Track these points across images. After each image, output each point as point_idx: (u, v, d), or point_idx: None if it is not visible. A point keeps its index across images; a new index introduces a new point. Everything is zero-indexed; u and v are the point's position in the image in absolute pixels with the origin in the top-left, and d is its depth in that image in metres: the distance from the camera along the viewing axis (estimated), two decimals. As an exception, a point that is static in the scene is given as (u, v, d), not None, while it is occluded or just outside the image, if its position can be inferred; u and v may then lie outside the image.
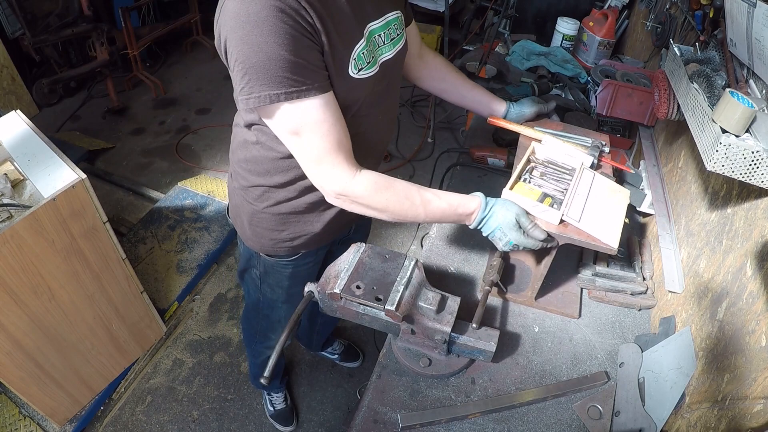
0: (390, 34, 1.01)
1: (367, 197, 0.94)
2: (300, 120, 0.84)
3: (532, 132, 1.35)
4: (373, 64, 0.95)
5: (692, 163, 1.29)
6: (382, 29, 0.98)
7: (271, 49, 0.76)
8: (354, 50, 0.88)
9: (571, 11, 2.46)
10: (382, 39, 0.99)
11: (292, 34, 0.76)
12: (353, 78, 0.90)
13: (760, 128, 0.85)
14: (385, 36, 0.99)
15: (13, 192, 1.55)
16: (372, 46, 0.95)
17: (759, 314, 0.85)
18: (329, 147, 0.87)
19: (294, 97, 0.80)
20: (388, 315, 0.99)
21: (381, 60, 0.99)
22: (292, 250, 1.28)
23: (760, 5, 0.85)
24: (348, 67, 0.88)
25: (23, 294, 1.57)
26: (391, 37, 1.01)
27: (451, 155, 1.81)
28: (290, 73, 0.79)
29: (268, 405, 2.06)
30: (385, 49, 0.99)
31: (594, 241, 1.05)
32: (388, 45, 1.00)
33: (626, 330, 1.25)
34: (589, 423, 1.05)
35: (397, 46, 1.04)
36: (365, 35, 0.91)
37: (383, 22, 0.97)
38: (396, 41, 1.03)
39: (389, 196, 0.95)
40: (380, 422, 1.04)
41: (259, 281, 1.43)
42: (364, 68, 0.91)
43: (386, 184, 0.95)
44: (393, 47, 1.02)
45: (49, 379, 1.81)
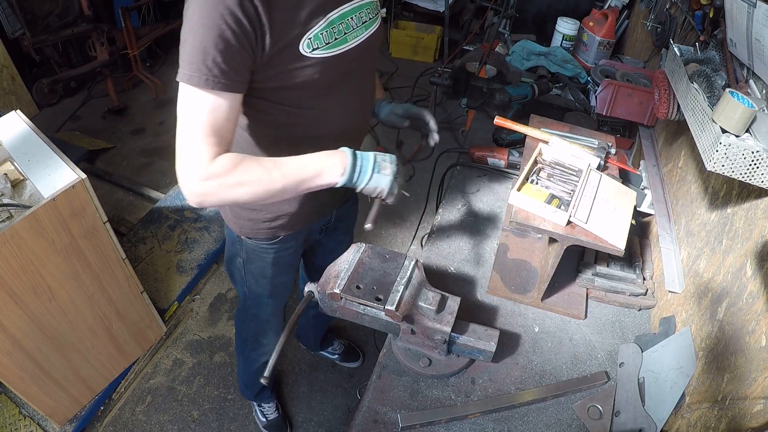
0: (362, 17, 1.05)
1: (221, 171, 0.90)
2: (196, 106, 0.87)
3: (539, 133, 1.35)
4: (339, 43, 1.00)
5: (692, 163, 1.29)
6: (353, 12, 1.02)
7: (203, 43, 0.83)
8: (310, 31, 0.94)
9: (571, 11, 2.46)
10: (354, 22, 1.03)
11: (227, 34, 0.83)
12: (306, 56, 0.95)
13: (760, 128, 0.85)
14: (357, 19, 1.04)
15: (13, 192, 1.55)
16: (342, 27, 1.00)
17: (759, 314, 0.85)
18: (204, 134, 0.88)
19: (205, 85, 0.85)
20: (388, 315, 0.99)
21: (354, 42, 1.04)
22: (271, 232, 1.29)
23: (760, 5, 0.85)
24: (299, 45, 0.93)
25: (23, 294, 1.56)
26: (363, 20, 1.05)
27: (451, 155, 1.81)
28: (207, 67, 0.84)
29: (260, 416, 2.04)
30: (358, 32, 1.04)
31: (601, 242, 1.05)
32: (360, 28, 1.05)
33: (626, 330, 1.25)
34: (589, 423, 1.05)
35: (370, 29, 1.08)
36: (329, 18, 0.97)
37: (354, 5, 1.02)
38: (369, 24, 1.08)
39: (242, 170, 0.92)
40: (380, 422, 1.04)
41: (244, 270, 1.44)
42: (321, 47, 0.97)
43: (238, 159, 0.92)
44: (366, 30, 1.06)
45: (49, 379, 1.81)
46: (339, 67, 1.03)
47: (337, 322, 2.38)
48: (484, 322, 1.12)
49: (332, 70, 1.02)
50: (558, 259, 1.13)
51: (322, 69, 0.99)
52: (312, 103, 1.06)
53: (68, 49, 3.81)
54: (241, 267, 1.43)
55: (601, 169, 1.27)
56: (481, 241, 1.44)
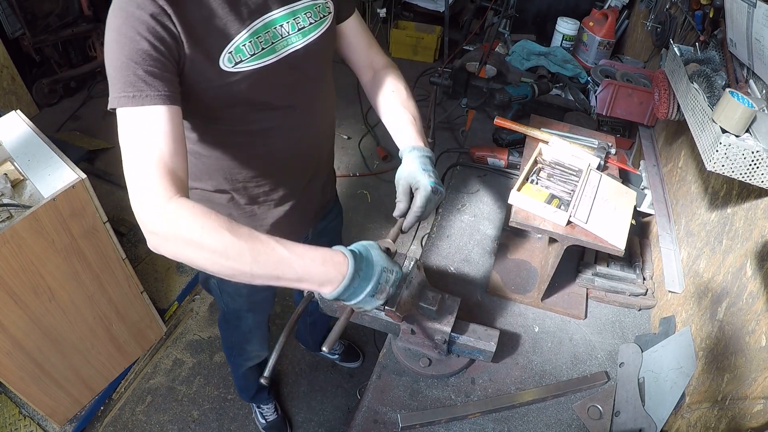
0: (299, 23, 0.97)
1: (180, 222, 0.74)
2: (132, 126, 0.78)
3: (539, 133, 1.35)
4: (265, 54, 0.92)
5: (692, 163, 1.29)
6: (284, 19, 0.94)
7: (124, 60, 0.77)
8: (231, 44, 0.87)
9: (571, 11, 2.46)
10: (284, 30, 0.95)
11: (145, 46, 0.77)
12: (227, 71, 0.88)
13: (760, 128, 0.85)
14: (291, 26, 0.96)
15: (13, 192, 1.55)
16: (268, 36, 0.92)
17: (759, 314, 0.85)
18: (149, 160, 0.76)
19: (135, 103, 0.77)
20: (388, 315, 0.99)
21: (286, 51, 0.95)
22: None
23: (760, 5, 0.85)
24: (219, 60, 0.86)
25: (23, 294, 1.56)
26: (299, 27, 0.97)
27: (451, 155, 1.81)
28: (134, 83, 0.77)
29: (259, 417, 2.04)
30: (291, 40, 0.96)
31: (601, 242, 1.05)
32: (296, 35, 0.96)
33: (626, 330, 1.25)
34: (589, 423, 1.05)
35: (310, 36, 0.99)
36: (252, 28, 0.89)
37: (288, 11, 0.95)
38: (308, 30, 0.98)
39: (206, 222, 0.73)
40: (380, 422, 1.04)
41: (219, 289, 1.42)
42: (246, 60, 0.89)
43: (206, 211, 0.75)
44: (303, 37, 0.98)
45: (49, 379, 1.81)
46: (271, 80, 0.95)
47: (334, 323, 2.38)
48: (484, 322, 1.12)
49: (263, 84, 0.95)
50: (558, 259, 1.13)
51: (249, 84, 0.92)
52: (252, 122, 1.00)
53: (68, 49, 3.80)
54: (216, 286, 1.42)
55: (601, 169, 1.27)
56: (481, 241, 1.44)
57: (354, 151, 3.49)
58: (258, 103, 0.97)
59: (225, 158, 1.05)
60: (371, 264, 0.81)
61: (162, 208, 0.75)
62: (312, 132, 1.13)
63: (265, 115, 1.01)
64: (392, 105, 1.11)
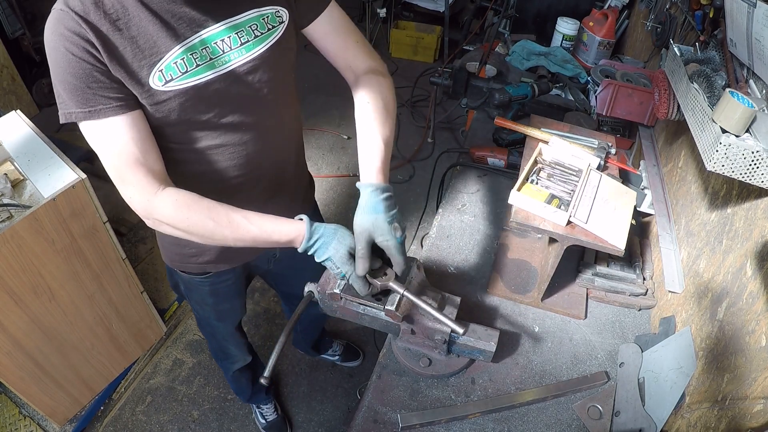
0: (241, 37, 0.91)
1: (168, 216, 0.88)
2: (98, 138, 0.85)
3: (539, 133, 1.35)
4: (203, 70, 0.89)
5: (692, 163, 1.29)
6: (225, 33, 0.90)
7: (64, 76, 0.81)
8: (161, 62, 0.85)
9: (571, 11, 2.46)
10: (227, 44, 0.90)
11: (78, 64, 0.80)
12: (158, 90, 0.86)
13: (760, 128, 0.85)
14: (233, 40, 0.91)
15: (13, 192, 1.55)
16: (206, 52, 0.88)
17: (759, 314, 0.85)
18: (126, 164, 0.85)
19: (89, 117, 0.83)
20: (388, 315, 0.99)
21: (226, 67, 0.91)
22: (200, 267, 1.23)
23: (760, 5, 0.85)
24: (149, 79, 0.85)
25: (23, 294, 1.57)
26: (242, 41, 0.91)
27: (451, 155, 1.82)
28: (82, 96, 0.82)
29: (259, 417, 2.04)
30: (233, 55, 0.91)
31: (601, 242, 1.05)
32: (237, 50, 0.91)
33: (626, 330, 1.25)
34: (589, 423, 1.05)
35: (255, 50, 0.93)
36: (186, 44, 0.86)
37: (227, 25, 0.89)
38: (252, 45, 0.93)
39: (191, 215, 0.88)
40: (380, 422, 1.04)
41: (186, 296, 1.41)
42: (177, 78, 0.86)
43: (189, 202, 0.88)
44: (246, 52, 0.92)
45: (49, 379, 1.81)
46: (209, 98, 0.92)
47: (334, 326, 2.38)
48: (484, 322, 1.12)
49: (199, 103, 0.91)
50: (558, 259, 1.13)
51: (183, 102, 0.89)
52: (195, 140, 0.97)
53: (68, 49, 3.80)
54: (184, 295, 1.42)
55: (601, 169, 1.27)
56: (481, 241, 1.44)
57: (354, 151, 3.47)
58: (196, 121, 0.94)
59: (178, 172, 1.01)
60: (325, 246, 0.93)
61: (149, 203, 0.87)
62: (267, 149, 1.07)
63: (208, 134, 0.97)
64: (362, 122, 1.01)
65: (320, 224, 0.93)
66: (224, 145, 1.00)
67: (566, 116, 1.79)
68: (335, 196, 3.13)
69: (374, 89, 1.04)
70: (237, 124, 0.99)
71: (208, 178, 1.05)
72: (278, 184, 1.17)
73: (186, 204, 0.88)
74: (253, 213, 0.92)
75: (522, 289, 1.30)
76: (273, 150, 1.10)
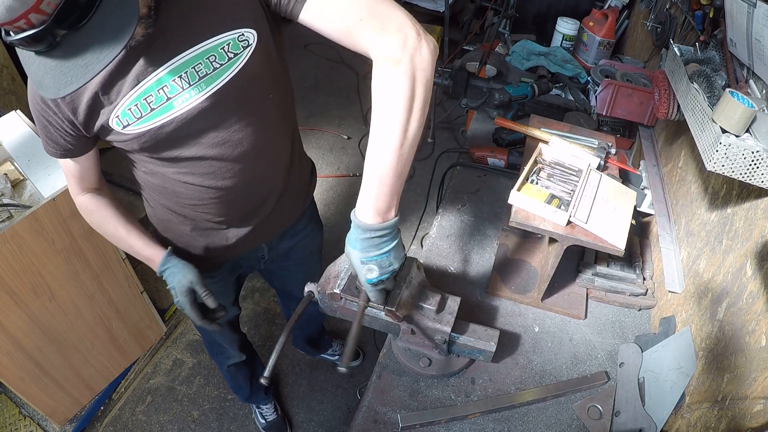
0: (199, 71, 0.86)
1: (83, 213, 1.14)
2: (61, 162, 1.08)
3: (539, 133, 1.35)
4: (160, 113, 0.89)
5: (692, 163, 1.29)
6: (181, 69, 0.86)
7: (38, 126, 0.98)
8: (116, 108, 0.89)
9: (571, 11, 2.46)
10: (181, 83, 0.87)
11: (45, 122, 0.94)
12: (119, 131, 0.92)
13: (760, 128, 0.85)
14: (190, 76, 0.86)
15: (13, 192, 1.55)
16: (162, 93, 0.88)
17: (759, 314, 0.85)
18: (68, 175, 1.11)
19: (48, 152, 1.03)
20: (388, 315, 0.99)
21: (185, 106, 0.89)
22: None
23: (760, 5, 0.85)
24: (109, 122, 0.91)
25: (23, 294, 1.57)
26: (200, 75, 0.87)
27: (451, 155, 1.81)
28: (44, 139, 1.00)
29: (259, 417, 2.04)
30: (179, 100, 0.88)
31: (601, 242, 1.05)
32: (197, 86, 0.87)
33: (626, 330, 1.25)
34: (589, 423, 1.05)
35: (215, 84, 0.88)
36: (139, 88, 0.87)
37: (182, 61, 0.85)
38: (211, 78, 0.88)
39: (92, 219, 1.14)
40: (380, 422, 1.04)
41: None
42: (133, 123, 0.90)
43: (92, 209, 1.12)
44: (207, 86, 0.88)
45: (49, 379, 1.81)
46: (170, 137, 0.92)
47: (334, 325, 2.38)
48: (484, 322, 1.12)
49: (161, 142, 0.93)
50: (558, 259, 1.13)
51: (143, 143, 0.92)
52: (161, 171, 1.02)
53: (68, 49, 3.80)
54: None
55: (601, 169, 1.27)
56: (481, 241, 1.44)
57: (354, 151, 3.49)
58: (160, 157, 0.98)
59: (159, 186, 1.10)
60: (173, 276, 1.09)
61: (75, 200, 1.14)
62: (242, 173, 1.04)
63: (173, 165, 1.00)
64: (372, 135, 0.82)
65: (173, 258, 1.10)
66: (195, 173, 1.02)
67: (566, 116, 1.79)
68: (335, 196, 3.13)
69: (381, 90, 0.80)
70: (199, 158, 0.98)
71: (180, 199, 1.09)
72: (258, 202, 1.15)
73: (89, 211, 1.13)
74: (135, 230, 1.13)
75: (522, 289, 1.30)
76: (248, 173, 1.05)
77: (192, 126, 0.93)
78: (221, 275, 1.34)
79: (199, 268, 1.25)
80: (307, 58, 4.39)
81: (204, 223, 1.16)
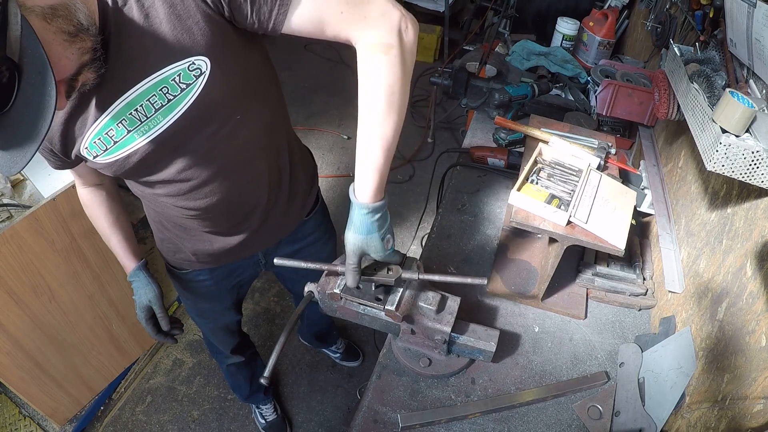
0: (154, 103, 0.85)
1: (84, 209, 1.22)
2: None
3: (539, 133, 1.35)
4: (124, 144, 0.90)
5: (692, 163, 1.29)
6: (138, 101, 0.85)
7: None
8: (83, 141, 0.92)
9: (571, 11, 2.46)
10: (139, 114, 0.86)
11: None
12: (94, 161, 0.95)
13: (760, 128, 0.85)
14: (147, 107, 0.85)
15: (13, 192, 1.55)
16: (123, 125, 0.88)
17: (759, 314, 0.85)
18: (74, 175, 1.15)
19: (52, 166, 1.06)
20: (388, 315, 0.99)
21: (149, 135, 0.89)
22: (177, 261, 1.30)
23: (760, 5, 0.85)
24: (81, 153, 0.94)
25: (23, 294, 1.57)
26: (157, 106, 0.85)
27: (451, 155, 1.81)
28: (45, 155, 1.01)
29: (259, 417, 2.04)
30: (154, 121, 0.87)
31: (601, 242, 1.05)
32: (159, 114, 0.87)
33: (626, 330, 1.25)
34: (589, 423, 1.05)
35: (176, 111, 0.87)
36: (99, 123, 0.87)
37: (137, 93, 0.84)
38: (167, 110, 0.86)
39: (88, 213, 1.22)
40: (380, 422, 1.04)
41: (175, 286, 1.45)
42: (101, 154, 0.92)
43: (88, 203, 1.19)
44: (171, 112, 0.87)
45: (49, 379, 1.81)
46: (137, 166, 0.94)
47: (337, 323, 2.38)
48: (484, 322, 1.12)
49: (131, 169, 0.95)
50: (558, 259, 1.13)
51: (115, 170, 0.95)
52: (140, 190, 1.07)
53: (68, 49, 3.80)
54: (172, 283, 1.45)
55: (601, 169, 1.27)
56: (481, 241, 1.44)
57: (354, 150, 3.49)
58: (137, 180, 1.03)
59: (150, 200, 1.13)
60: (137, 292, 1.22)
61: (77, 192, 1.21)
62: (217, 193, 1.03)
63: (150, 187, 1.03)
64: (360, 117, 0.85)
65: (141, 273, 1.21)
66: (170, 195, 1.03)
67: (566, 116, 1.79)
68: (335, 196, 3.14)
69: (370, 73, 0.81)
70: (176, 179, 0.99)
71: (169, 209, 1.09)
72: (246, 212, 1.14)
73: (86, 205, 1.20)
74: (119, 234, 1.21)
75: (522, 289, 1.30)
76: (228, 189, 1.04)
77: (157, 154, 0.93)
78: (214, 278, 1.34)
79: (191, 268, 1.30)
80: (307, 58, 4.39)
81: (192, 231, 1.18)
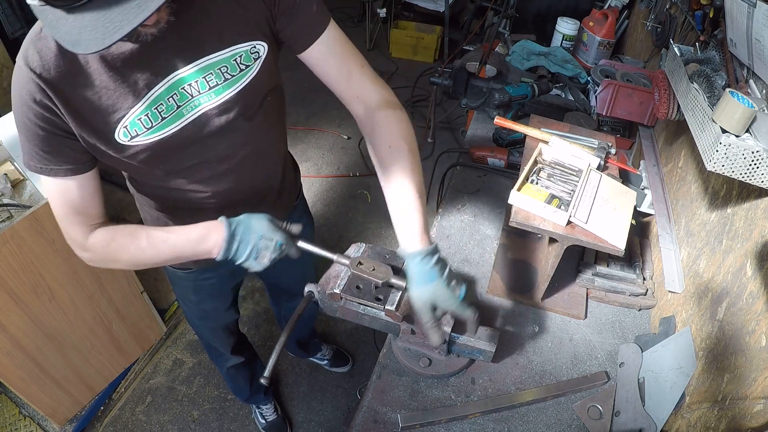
0: (210, 80, 0.87)
1: (99, 258, 0.96)
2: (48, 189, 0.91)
3: (539, 133, 1.35)
4: (170, 122, 0.88)
5: (692, 163, 1.29)
6: (196, 76, 0.86)
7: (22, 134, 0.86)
8: (125, 118, 0.85)
9: (571, 11, 2.46)
10: (195, 88, 0.87)
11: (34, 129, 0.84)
12: (125, 144, 0.87)
13: (760, 128, 0.85)
14: (201, 84, 0.87)
15: (13, 192, 1.55)
16: (173, 101, 0.87)
17: (759, 314, 0.85)
18: (66, 214, 0.92)
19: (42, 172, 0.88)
20: (388, 315, 0.99)
21: (195, 113, 0.89)
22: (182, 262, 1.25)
23: (760, 5, 0.85)
24: (114, 135, 0.86)
25: (23, 294, 1.57)
26: (210, 85, 0.88)
27: (451, 155, 1.82)
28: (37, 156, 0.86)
29: (259, 418, 2.04)
30: (201, 99, 0.88)
31: (601, 242, 1.05)
32: (207, 94, 0.88)
33: (626, 330, 1.25)
34: (589, 423, 1.05)
35: (224, 95, 0.90)
36: (150, 97, 0.85)
37: (197, 67, 0.86)
38: (222, 88, 0.89)
39: (116, 247, 0.94)
40: (380, 422, 1.04)
41: (174, 293, 1.43)
42: (143, 133, 0.87)
43: (111, 236, 0.94)
44: (216, 96, 0.89)
45: (49, 379, 1.81)
46: (176, 146, 0.91)
47: (327, 328, 2.38)
48: (484, 322, 1.12)
49: (166, 153, 0.91)
50: (558, 259, 1.14)
51: (150, 154, 0.89)
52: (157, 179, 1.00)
53: (68, 49, 3.80)
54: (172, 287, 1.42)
55: (601, 169, 1.27)
56: (481, 241, 1.44)
57: (354, 151, 3.49)
58: (165, 166, 0.96)
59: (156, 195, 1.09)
60: (249, 230, 0.93)
61: (83, 247, 0.95)
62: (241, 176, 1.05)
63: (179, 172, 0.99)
64: (390, 172, 0.92)
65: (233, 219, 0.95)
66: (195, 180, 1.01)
67: (566, 116, 1.79)
68: (335, 196, 3.13)
69: (394, 129, 0.94)
70: (207, 163, 0.99)
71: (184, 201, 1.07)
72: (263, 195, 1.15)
73: (111, 239, 0.94)
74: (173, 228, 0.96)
75: (522, 289, 1.30)
76: (251, 171, 1.07)
77: (200, 132, 0.92)
78: (219, 276, 1.34)
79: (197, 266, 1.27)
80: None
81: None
